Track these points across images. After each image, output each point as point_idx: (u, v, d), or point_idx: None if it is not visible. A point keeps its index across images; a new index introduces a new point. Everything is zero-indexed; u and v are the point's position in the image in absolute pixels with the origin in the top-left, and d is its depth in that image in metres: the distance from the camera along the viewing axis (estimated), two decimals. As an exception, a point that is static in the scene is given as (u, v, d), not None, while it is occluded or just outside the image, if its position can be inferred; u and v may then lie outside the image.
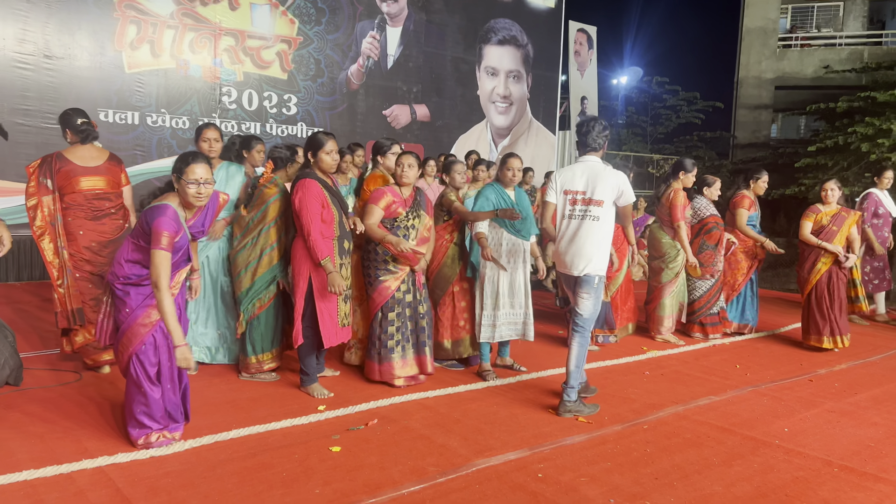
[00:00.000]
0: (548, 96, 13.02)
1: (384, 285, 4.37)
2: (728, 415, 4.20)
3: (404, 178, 4.36)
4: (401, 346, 4.43)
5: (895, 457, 3.62)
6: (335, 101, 9.92)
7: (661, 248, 6.19)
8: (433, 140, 11.08)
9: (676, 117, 20.99)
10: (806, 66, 18.00)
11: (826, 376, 5.22)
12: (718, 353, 5.84)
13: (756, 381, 5.02)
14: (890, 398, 4.72)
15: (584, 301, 4.14)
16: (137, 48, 8.21)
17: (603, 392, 4.57)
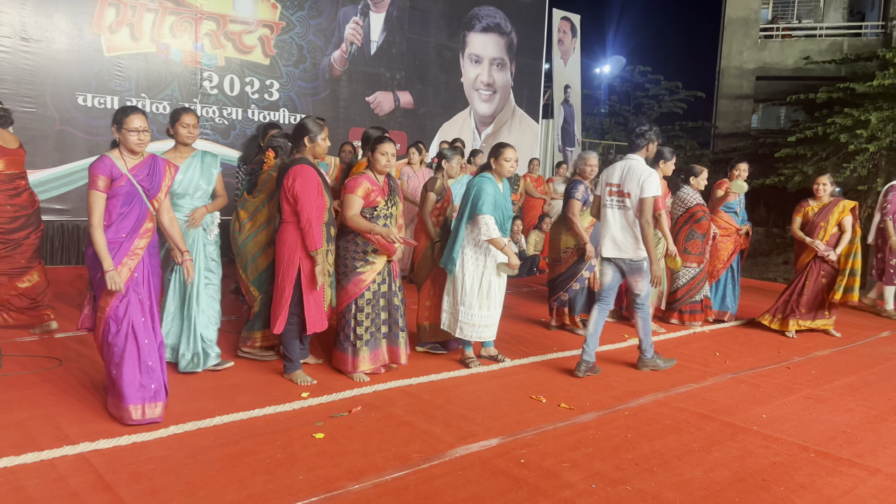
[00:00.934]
0: (531, 84, 13.02)
1: (360, 277, 4.29)
2: (707, 401, 4.26)
3: (386, 166, 4.29)
4: (374, 339, 4.36)
5: (870, 442, 3.70)
6: (318, 87, 9.84)
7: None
8: (416, 127, 11.05)
9: (658, 107, 21.10)
10: (787, 56, 18.14)
11: (803, 364, 5.30)
12: (698, 341, 5.91)
13: (735, 368, 5.10)
14: (865, 385, 4.81)
15: (640, 283, 4.77)
16: (116, 31, 8.08)
17: (584, 379, 4.61)
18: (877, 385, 4.82)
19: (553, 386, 4.42)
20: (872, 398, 4.50)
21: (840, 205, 6.07)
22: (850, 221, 6.06)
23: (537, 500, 2.83)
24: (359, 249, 4.29)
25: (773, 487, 3.07)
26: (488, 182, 4.64)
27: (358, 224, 4.18)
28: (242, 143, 4.95)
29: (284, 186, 4.05)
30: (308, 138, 4.15)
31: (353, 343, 4.31)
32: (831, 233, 6.12)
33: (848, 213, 6.07)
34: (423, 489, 2.86)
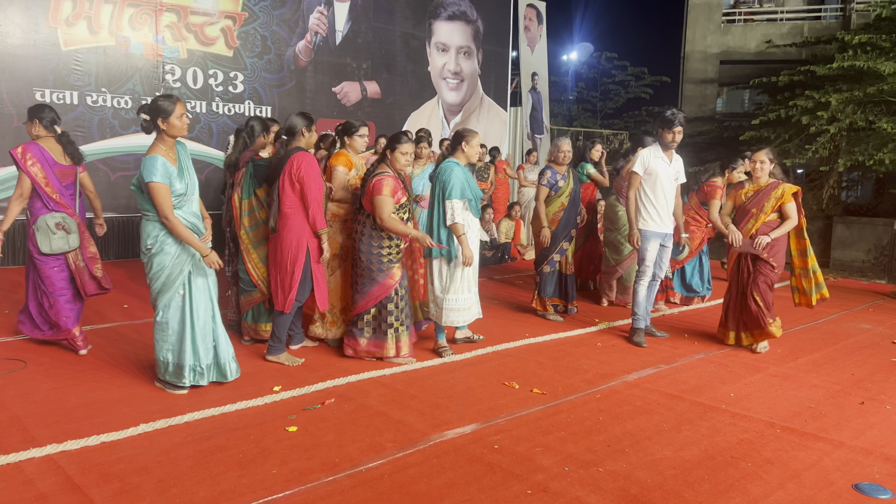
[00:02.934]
0: (498, 72, 13.02)
1: (392, 272, 4.46)
2: (677, 382, 4.33)
3: (405, 165, 4.47)
4: (405, 326, 4.56)
5: (833, 417, 3.79)
6: (283, 78, 9.73)
7: (618, 221, 6.31)
8: (385, 117, 10.99)
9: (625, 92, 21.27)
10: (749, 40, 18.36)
11: (770, 343, 5.41)
12: (667, 322, 5.99)
13: (703, 349, 5.18)
14: (828, 361, 4.93)
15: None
16: (74, 24, 7.89)
17: (556, 364, 4.66)
18: (839, 361, 4.94)
19: (525, 372, 4.45)
20: (835, 374, 4.61)
21: (779, 189, 5.01)
22: (793, 209, 5.03)
23: (511, 484, 2.86)
24: (392, 246, 4.45)
25: (741, 463, 3.14)
26: (456, 166, 4.69)
27: (395, 226, 4.33)
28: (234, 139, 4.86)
29: (289, 173, 4.22)
30: (305, 129, 4.35)
31: (396, 329, 4.51)
32: (765, 221, 5.02)
33: (790, 199, 5.01)
34: (398, 478, 2.87)
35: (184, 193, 3.69)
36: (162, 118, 3.58)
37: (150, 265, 3.73)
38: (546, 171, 5.86)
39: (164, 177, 3.57)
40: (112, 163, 8.24)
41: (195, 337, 3.79)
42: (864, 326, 6.12)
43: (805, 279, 5.32)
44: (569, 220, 5.89)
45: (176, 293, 3.74)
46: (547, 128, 14.67)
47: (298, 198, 4.25)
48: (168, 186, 3.57)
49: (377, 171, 4.43)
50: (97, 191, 4.90)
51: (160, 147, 3.67)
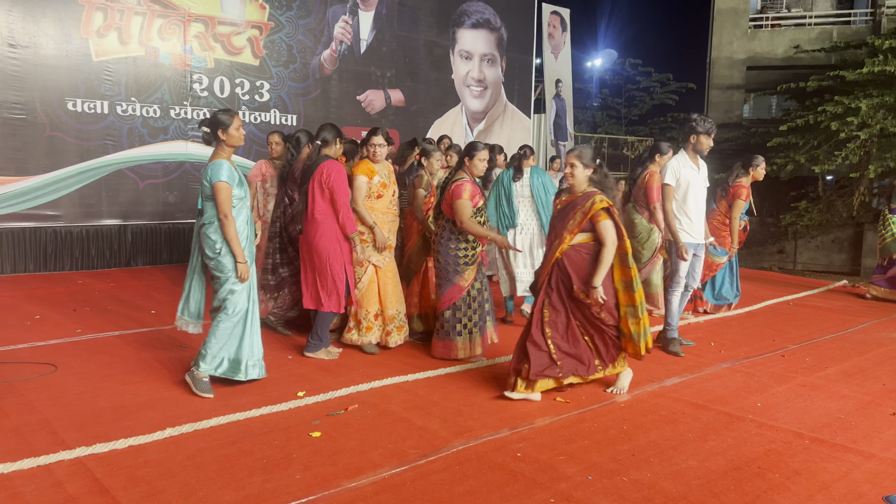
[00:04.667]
0: (522, 79, 13.02)
1: (465, 275, 4.69)
2: (702, 391, 4.27)
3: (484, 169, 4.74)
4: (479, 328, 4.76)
5: (864, 428, 3.72)
6: (308, 86, 9.83)
7: (635, 230, 6.25)
8: (408, 125, 11.04)
9: (650, 99, 21.13)
10: (776, 46, 18.17)
11: (797, 351, 5.33)
12: (693, 332, 5.93)
13: (730, 357, 5.11)
14: (859, 371, 4.83)
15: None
16: (105, 35, 8.05)
17: (580, 372, 4.62)
18: (870, 371, 4.85)
19: (549, 379, 4.42)
20: (866, 384, 4.52)
21: (589, 201, 3.90)
22: (607, 228, 3.86)
23: (534, 492, 2.84)
24: (468, 248, 4.67)
25: (769, 475, 3.09)
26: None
27: (474, 228, 4.56)
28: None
29: (319, 180, 4.54)
30: (334, 140, 4.74)
31: (470, 331, 4.73)
32: (571, 244, 3.95)
33: (603, 216, 3.86)
34: (420, 485, 2.87)
35: (242, 198, 3.97)
36: (221, 130, 3.89)
37: (219, 267, 3.93)
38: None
39: (229, 178, 3.85)
40: (140, 171, 8.38)
41: (253, 332, 4.08)
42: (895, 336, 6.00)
43: (633, 320, 3.99)
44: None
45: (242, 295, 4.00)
46: (571, 135, 14.63)
47: (328, 204, 4.55)
48: (230, 187, 3.85)
49: (456, 177, 4.69)
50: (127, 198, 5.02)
51: (222, 154, 3.94)
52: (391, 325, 4.93)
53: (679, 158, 5.21)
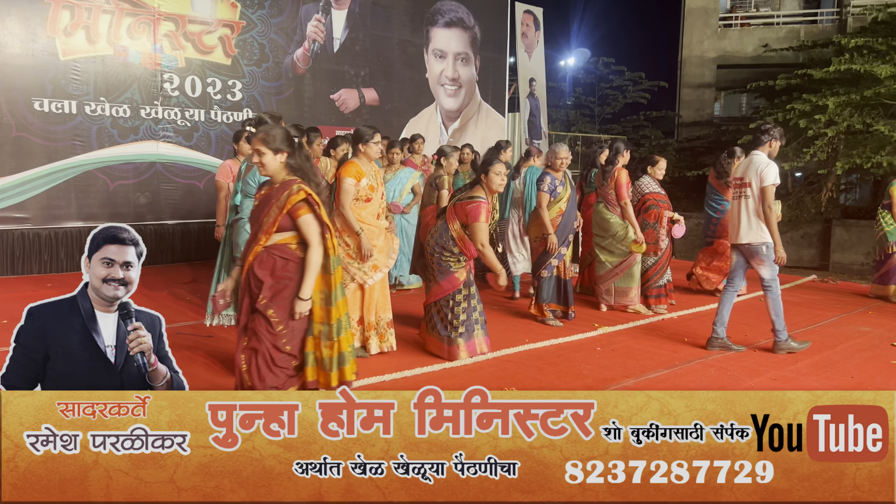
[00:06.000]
0: (496, 78, 13.05)
1: (455, 276, 4.76)
2: (677, 387, 4.33)
3: (500, 185, 4.79)
4: (468, 332, 4.81)
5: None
6: (281, 85, 9.75)
7: (611, 228, 6.33)
8: (383, 124, 10.99)
9: (623, 97, 21.26)
10: (746, 44, 18.43)
11: (769, 346, 5.41)
12: (667, 327, 6.00)
13: (703, 353, 5.18)
14: (828, 365, 4.93)
15: (760, 268, 5.08)
16: (72, 34, 7.91)
17: (556, 369, 4.66)
18: (839, 364, 4.95)
19: (526, 377, 4.45)
20: (835, 377, 4.61)
21: (286, 192, 3.18)
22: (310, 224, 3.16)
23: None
24: (454, 253, 4.75)
25: (742, 468, 3.13)
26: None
27: (490, 256, 4.73)
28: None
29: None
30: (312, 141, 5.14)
31: (449, 335, 4.78)
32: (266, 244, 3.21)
33: (303, 210, 3.15)
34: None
35: None
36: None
37: None
38: (545, 177, 5.87)
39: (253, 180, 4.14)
40: (111, 172, 8.24)
41: None
42: (864, 329, 6.12)
43: (327, 342, 3.29)
44: (566, 226, 5.91)
45: None
46: (545, 133, 14.70)
47: None
48: None
49: (474, 195, 4.72)
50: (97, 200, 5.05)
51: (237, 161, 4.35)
52: (370, 332, 4.84)
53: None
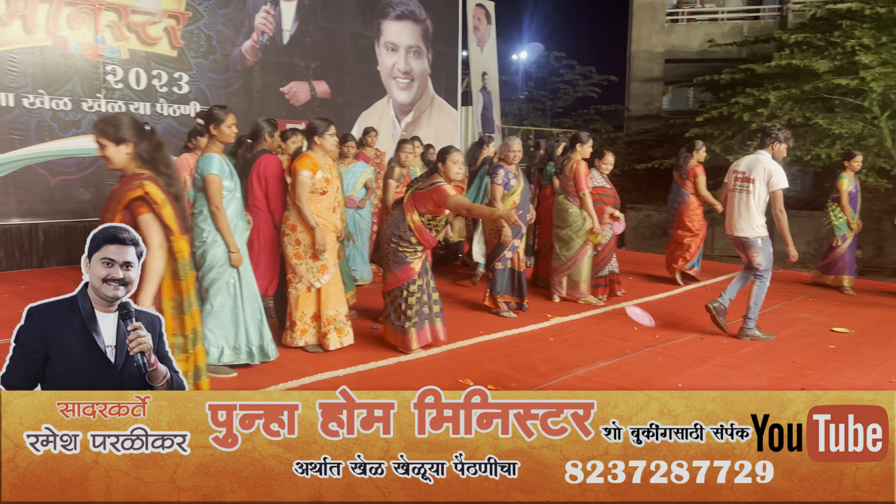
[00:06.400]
0: (449, 72, 13.05)
1: (410, 266, 4.77)
2: (627, 374, 4.42)
3: (458, 174, 4.78)
4: (420, 321, 4.83)
5: (775, 402, 3.93)
6: (230, 78, 9.56)
7: (569, 218, 6.42)
8: (335, 117, 10.79)
9: (574, 91, 21.52)
10: (692, 39, 18.83)
11: (715, 333, 5.57)
12: (617, 317, 6.11)
13: (652, 341, 5.30)
14: (771, 350, 5.10)
15: (755, 258, 5.33)
16: (7, 24, 7.60)
17: (510, 360, 4.71)
18: (781, 349, 5.12)
19: (480, 369, 4.49)
20: (778, 362, 4.78)
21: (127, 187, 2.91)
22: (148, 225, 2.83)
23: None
24: (411, 242, 4.75)
25: (689, 451, 3.22)
26: None
27: (477, 209, 5.06)
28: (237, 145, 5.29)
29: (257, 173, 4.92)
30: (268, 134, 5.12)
31: (402, 324, 4.80)
32: None
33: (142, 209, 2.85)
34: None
35: (233, 189, 4.22)
36: (214, 125, 4.11)
37: (204, 258, 4.18)
38: (499, 171, 5.91)
39: (219, 171, 4.11)
40: (52, 167, 7.97)
41: (247, 320, 4.31)
42: (804, 315, 6.34)
43: (181, 356, 3.02)
44: (521, 218, 5.96)
45: (227, 282, 4.21)
46: (498, 127, 14.78)
47: (265, 195, 4.89)
48: (221, 180, 4.11)
49: (434, 180, 4.73)
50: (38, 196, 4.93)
51: (213, 148, 4.20)
52: (328, 327, 4.78)
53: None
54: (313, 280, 4.69)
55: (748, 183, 5.33)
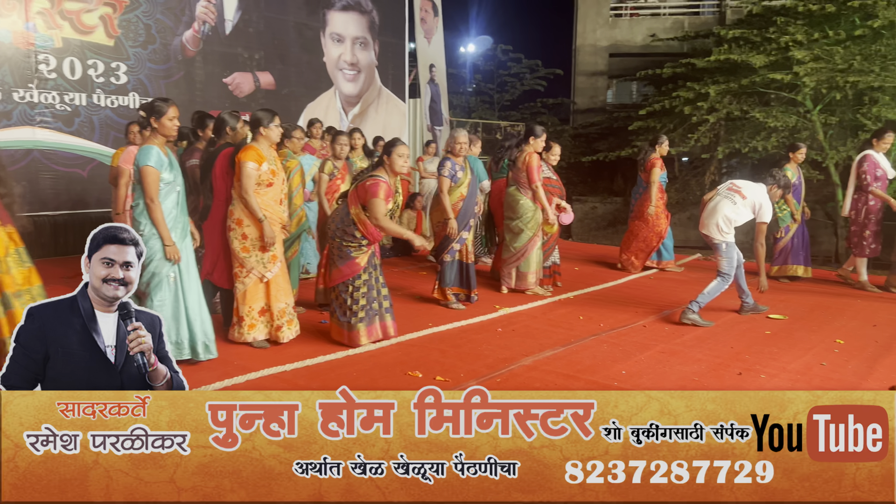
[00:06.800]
0: (396, 64, 12.99)
1: (355, 261, 4.74)
2: (573, 363, 4.50)
3: (403, 167, 4.77)
4: (368, 316, 4.79)
5: (715, 388, 4.06)
6: (170, 68, 9.32)
7: (520, 210, 6.49)
8: (280, 109, 10.56)
9: (521, 84, 21.68)
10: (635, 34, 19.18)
11: (657, 321, 5.72)
12: (564, 307, 6.21)
13: (598, 329, 5.41)
14: (710, 336, 5.26)
15: (720, 260, 5.69)
16: (-70, 9, 7.25)
17: (459, 351, 4.74)
18: (720, 335, 5.29)
19: (429, 360, 4.51)
20: (716, 348, 4.93)
21: None
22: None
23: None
24: (356, 242, 4.71)
25: (632, 436, 3.31)
26: None
27: (389, 226, 4.72)
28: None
29: (221, 166, 4.82)
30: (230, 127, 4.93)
31: (349, 320, 4.75)
32: None
33: None
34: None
35: (171, 182, 4.15)
36: (155, 117, 4.05)
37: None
38: (446, 163, 5.94)
39: (157, 163, 4.04)
40: (-19, 160, 7.64)
41: (189, 315, 4.24)
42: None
43: None
44: (468, 210, 6.00)
45: (167, 276, 4.15)
46: (446, 119, 14.79)
47: (228, 188, 4.76)
48: (158, 172, 4.04)
49: (375, 174, 4.70)
50: None
51: (154, 140, 4.13)
52: (281, 320, 4.74)
53: None
54: (264, 271, 4.63)
55: (738, 196, 5.61)
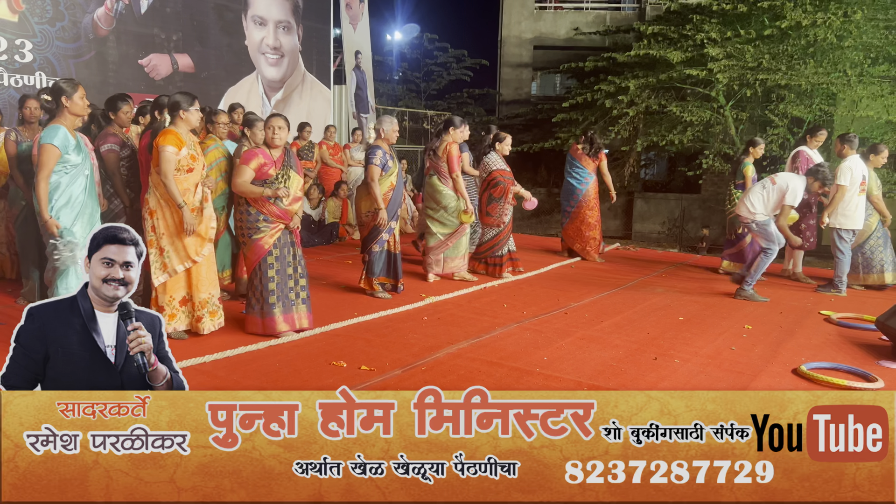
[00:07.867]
0: (320, 49, 12.78)
1: (259, 242, 4.65)
2: (496, 350, 4.58)
3: (276, 140, 4.65)
4: (282, 303, 4.70)
5: (631, 373, 4.22)
6: (80, 48, 8.85)
7: (442, 199, 6.52)
8: (199, 92, 10.20)
9: (447, 74, 21.73)
10: (559, 27, 19.51)
11: (578, 308, 5.87)
12: (489, 295, 6.30)
13: (521, 317, 5.51)
14: (628, 323, 5.45)
15: (757, 238, 6.37)
16: None
17: (384, 340, 4.74)
18: (637, 322, 5.49)
19: (354, 350, 4.49)
20: (634, 334, 5.11)
21: None
22: None
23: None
24: (252, 218, 4.64)
25: (553, 420, 3.40)
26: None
27: (248, 189, 4.57)
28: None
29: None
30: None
31: (262, 307, 4.66)
32: None
33: None
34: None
35: (79, 164, 4.12)
36: (65, 97, 4.04)
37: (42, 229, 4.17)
38: (377, 151, 5.86)
39: (61, 144, 4.01)
40: None
41: None
42: (659, 290, 6.81)
43: None
44: (397, 200, 5.98)
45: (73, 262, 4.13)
46: (372, 107, 14.67)
47: None
48: (59, 153, 4.01)
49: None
50: None
51: (62, 121, 4.10)
52: (202, 311, 4.58)
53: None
54: (184, 260, 4.47)
55: (769, 181, 6.20)
